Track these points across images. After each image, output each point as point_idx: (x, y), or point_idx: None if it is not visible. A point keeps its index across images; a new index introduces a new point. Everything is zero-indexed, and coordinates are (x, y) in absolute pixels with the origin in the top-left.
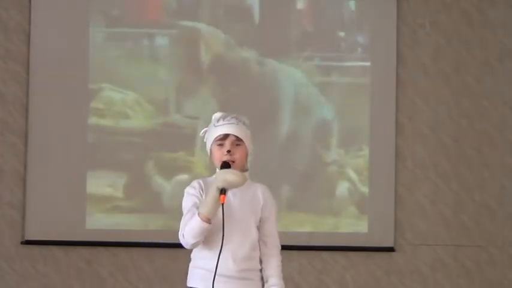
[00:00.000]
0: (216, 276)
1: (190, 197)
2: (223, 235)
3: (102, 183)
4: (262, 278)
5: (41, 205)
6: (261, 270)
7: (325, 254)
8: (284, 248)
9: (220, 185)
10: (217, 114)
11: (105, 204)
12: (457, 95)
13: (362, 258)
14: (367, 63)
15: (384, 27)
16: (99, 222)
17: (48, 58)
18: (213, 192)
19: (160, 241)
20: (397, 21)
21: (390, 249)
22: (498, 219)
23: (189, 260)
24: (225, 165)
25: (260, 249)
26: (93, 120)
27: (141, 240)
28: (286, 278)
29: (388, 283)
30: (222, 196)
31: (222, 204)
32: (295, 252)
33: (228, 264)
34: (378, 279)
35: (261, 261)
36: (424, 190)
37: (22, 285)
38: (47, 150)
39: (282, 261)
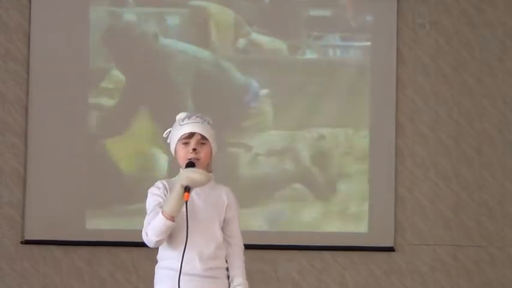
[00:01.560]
0: (183, 276)
1: (154, 196)
2: (187, 233)
3: (102, 183)
4: (228, 277)
5: (40, 205)
6: (227, 269)
7: (325, 254)
8: (284, 248)
9: (185, 182)
10: (182, 114)
11: (105, 204)
12: (457, 95)
13: (362, 258)
14: (368, 65)
15: (384, 27)
16: (99, 222)
17: (48, 58)
18: (177, 189)
19: None
20: (397, 21)
21: (390, 249)
22: (498, 219)
23: None
24: (190, 164)
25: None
26: (93, 120)
27: (142, 240)
28: (286, 278)
29: (388, 283)
30: (186, 194)
31: (186, 202)
32: (295, 252)
33: (194, 263)
34: (378, 279)
35: (226, 261)
36: (424, 190)
37: (22, 285)
38: (46, 150)
39: (245, 262)
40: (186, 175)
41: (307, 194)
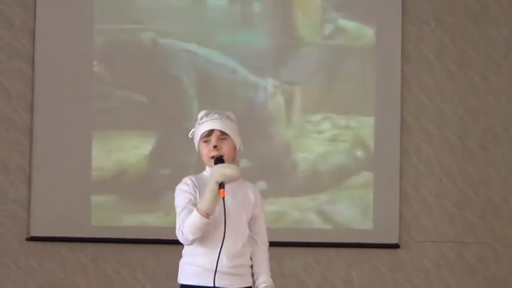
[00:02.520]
0: (208, 273)
1: (183, 193)
2: (224, 230)
3: (108, 180)
4: (252, 274)
5: (46, 202)
6: (251, 266)
7: (330, 251)
8: (289, 245)
9: (219, 179)
10: (201, 113)
11: (111, 201)
12: (462, 92)
13: (367, 255)
14: (372, 61)
15: (388, 25)
16: (105, 219)
17: (53, 55)
18: (212, 186)
19: (167, 238)
20: (402, 19)
21: (395, 246)
22: (503, 216)
23: None
24: (219, 160)
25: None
26: (98, 117)
27: (148, 237)
28: (291, 274)
29: (393, 280)
30: (221, 190)
31: (223, 199)
32: (300, 249)
33: (222, 260)
34: (383, 275)
35: (250, 258)
36: (429, 187)
37: (27, 282)
38: (52, 147)
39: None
40: (219, 171)
41: (312, 191)
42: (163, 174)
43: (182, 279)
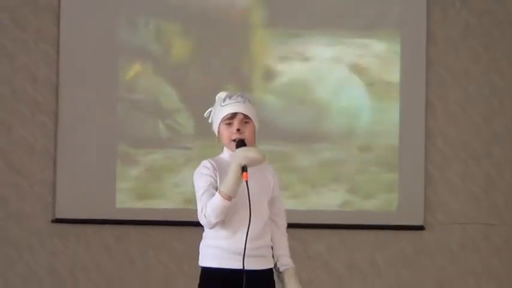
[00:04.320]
0: (231, 255)
1: (204, 176)
2: (250, 212)
3: (132, 162)
4: (273, 255)
5: (71, 184)
6: (272, 247)
7: (354, 233)
8: (313, 226)
9: (243, 162)
10: (222, 94)
11: (135, 182)
12: (487, 74)
13: (392, 236)
14: (397, 42)
15: (413, 6)
16: (129, 201)
17: (79, 37)
18: (235, 169)
19: (191, 219)
20: (427, 0)
21: (420, 228)
22: None
23: None
24: (241, 143)
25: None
26: (124, 99)
27: (172, 219)
28: (315, 256)
29: (417, 262)
30: (245, 173)
31: (246, 182)
32: (324, 231)
33: (243, 242)
34: (408, 257)
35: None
36: (454, 169)
37: (53, 263)
38: (77, 130)
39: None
40: (243, 154)
41: (336, 171)
42: (185, 156)
43: (204, 262)
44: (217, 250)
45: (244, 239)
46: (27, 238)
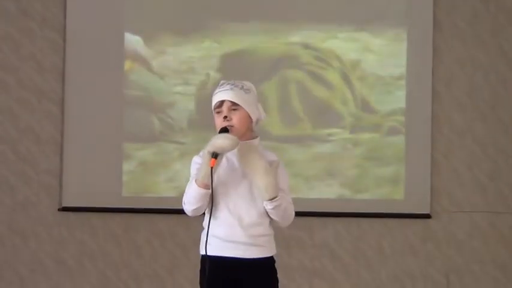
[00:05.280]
0: (225, 242)
1: (194, 165)
2: (212, 201)
3: (139, 150)
4: (274, 244)
5: (77, 172)
6: (272, 236)
7: (361, 221)
8: (320, 214)
9: (210, 148)
10: (219, 83)
11: (142, 171)
12: (494, 61)
13: (398, 225)
14: (403, 29)
15: None
16: (136, 189)
17: (85, 25)
18: (205, 156)
19: None
20: None
21: (426, 216)
22: None
23: None
24: (223, 130)
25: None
26: (131, 86)
27: (178, 207)
28: (322, 244)
29: (424, 250)
30: (212, 160)
31: (211, 169)
32: (331, 219)
33: (235, 229)
34: (414, 246)
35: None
36: (460, 156)
37: (59, 251)
38: (83, 117)
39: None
40: (212, 141)
41: (342, 160)
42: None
43: (203, 250)
44: (213, 239)
45: (236, 226)
46: (33, 226)
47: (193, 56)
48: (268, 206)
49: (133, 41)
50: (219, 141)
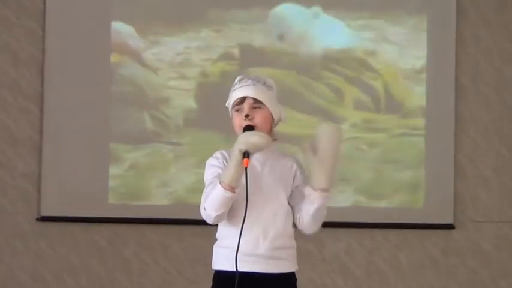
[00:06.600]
0: (244, 256)
1: (212, 168)
2: (246, 205)
3: (127, 153)
4: (296, 258)
5: (58, 177)
6: (295, 248)
7: (375, 232)
8: (329, 225)
9: (243, 147)
10: (237, 78)
11: (131, 175)
12: None
13: (417, 236)
14: (424, 17)
15: None
16: (123, 197)
17: (66, 14)
18: (235, 155)
19: (191, 217)
20: None
21: (449, 227)
22: None
23: None
24: (248, 128)
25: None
26: (115, 81)
27: (170, 217)
28: (332, 259)
29: (446, 264)
30: (245, 160)
31: (246, 169)
32: (342, 230)
33: (257, 242)
34: (435, 259)
35: (294, 239)
36: (487, 160)
37: (37, 265)
38: (65, 116)
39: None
40: (244, 139)
41: (355, 164)
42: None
43: (216, 265)
44: (227, 250)
45: (261, 237)
46: (8, 238)
47: (189, 46)
48: (318, 199)
49: (121, 30)
50: (253, 138)
